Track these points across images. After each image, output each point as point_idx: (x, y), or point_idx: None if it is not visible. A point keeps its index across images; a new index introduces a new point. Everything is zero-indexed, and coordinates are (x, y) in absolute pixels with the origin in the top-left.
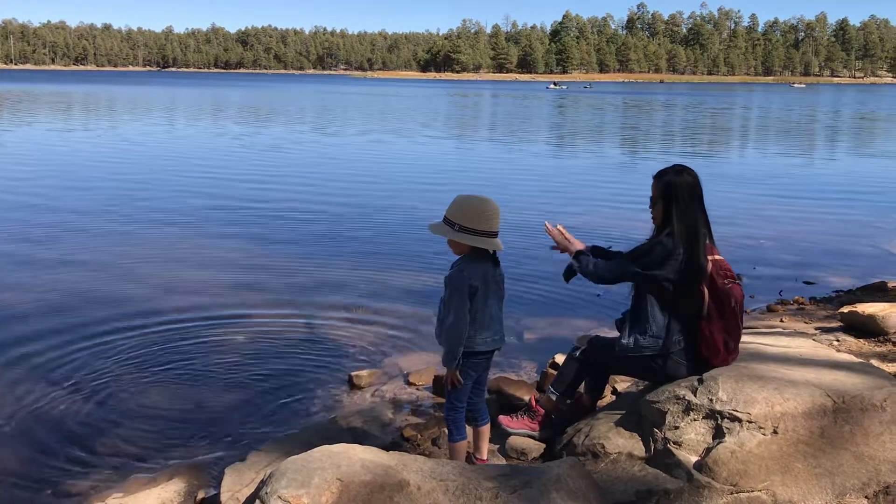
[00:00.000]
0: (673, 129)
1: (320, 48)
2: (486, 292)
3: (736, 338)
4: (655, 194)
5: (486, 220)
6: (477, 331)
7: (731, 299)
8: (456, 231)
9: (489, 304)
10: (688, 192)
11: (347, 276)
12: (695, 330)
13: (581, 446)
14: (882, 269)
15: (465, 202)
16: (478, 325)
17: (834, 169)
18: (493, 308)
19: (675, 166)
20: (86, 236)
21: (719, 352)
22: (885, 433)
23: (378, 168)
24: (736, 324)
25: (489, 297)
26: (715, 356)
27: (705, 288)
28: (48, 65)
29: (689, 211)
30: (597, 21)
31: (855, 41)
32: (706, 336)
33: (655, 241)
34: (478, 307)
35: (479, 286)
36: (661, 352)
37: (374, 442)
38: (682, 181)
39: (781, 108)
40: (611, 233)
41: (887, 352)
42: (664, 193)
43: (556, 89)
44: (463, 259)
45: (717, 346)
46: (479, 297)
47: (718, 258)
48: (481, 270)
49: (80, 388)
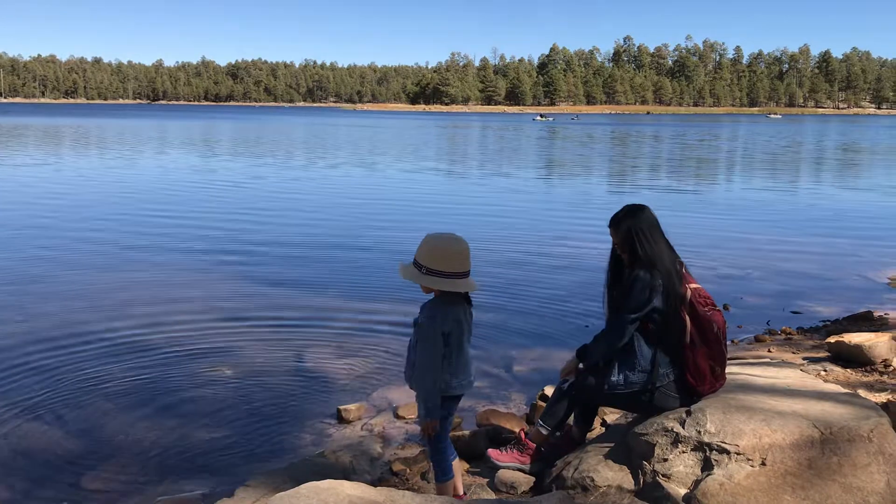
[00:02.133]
0: (655, 160)
1: (310, 81)
2: (459, 336)
3: (721, 363)
4: (619, 240)
5: (453, 261)
6: (454, 375)
7: (712, 325)
8: (423, 274)
9: (463, 346)
10: (647, 227)
11: (335, 309)
12: (681, 359)
13: (570, 479)
14: (868, 298)
15: (431, 243)
16: (454, 369)
17: (818, 198)
18: (467, 350)
19: (626, 208)
20: (67, 268)
21: (706, 378)
22: (873, 464)
23: (366, 199)
24: (720, 350)
25: (463, 339)
26: (702, 383)
27: (686, 316)
28: (38, 98)
29: (656, 245)
30: (584, 54)
31: (838, 73)
32: (692, 363)
33: (632, 278)
34: (453, 351)
35: (452, 331)
36: (650, 386)
37: (362, 476)
38: (641, 219)
39: (753, 139)
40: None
41: (874, 381)
42: (627, 237)
43: (543, 121)
44: (433, 302)
45: (703, 373)
46: (454, 341)
47: (696, 286)
48: (453, 314)
49: (63, 422)
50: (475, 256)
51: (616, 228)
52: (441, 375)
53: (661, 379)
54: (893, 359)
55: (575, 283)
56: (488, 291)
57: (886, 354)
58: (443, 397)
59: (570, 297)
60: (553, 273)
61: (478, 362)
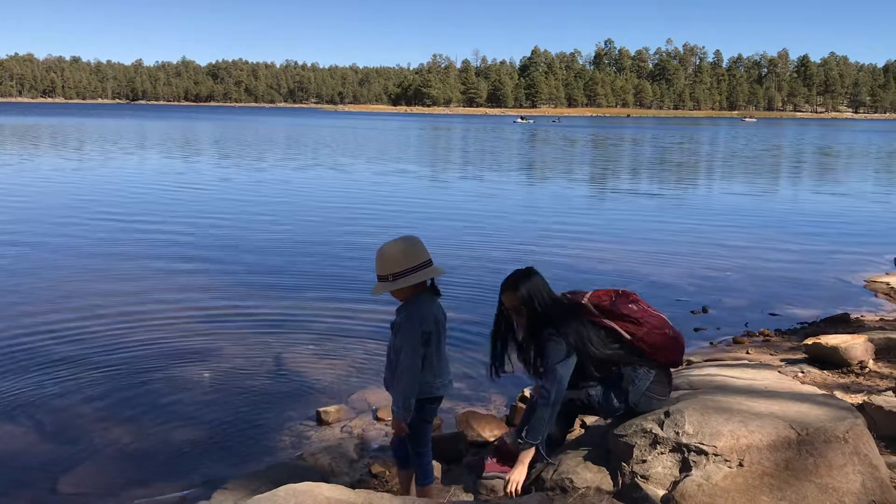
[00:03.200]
0: (633, 163)
1: (291, 81)
2: (438, 336)
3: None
4: (516, 304)
5: (413, 255)
6: (436, 375)
7: (626, 306)
8: (392, 282)
9: (441, 346)
10: (541, 289)
11: (315, 311)
12: (639, 353)
13: (550, 481)
14: (845, 300)
15: (385, 252)
16: (436, 370)
17: (794, 200)
18: (444, 349)
19: (516, 274)
20: (38, 268)
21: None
22: (848, 465)
23: (346, 201)
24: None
25: (441, 339)
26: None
27: (606, 321)
28: (15, 97)
29: (552, 305)
30: (565, 56)
31: (816, 77)
32: (649, 346)
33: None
34: (433, 351)
35: (432, 331)
36: (642, 396)
37: (341, 479)
38: (535, 283)
39: (730, 144)
40: (568, 263)
41: (850, 383)
42: (527, 301)
43: (523, 123)
44: (408, 304)
45: (663, 341)
46: (434, 342)
47: (589, 294)
48: (430, 313)
49: (40, 425)
50: (454, 257)
51: (513, 292)
52: (422, 376)
53: (646, 390)
54: (869, 360)
55: (556, 282)
56: (467, 291)
57: (863, 356)
58: (425, 399)
59: None
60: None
61: (457, 364)
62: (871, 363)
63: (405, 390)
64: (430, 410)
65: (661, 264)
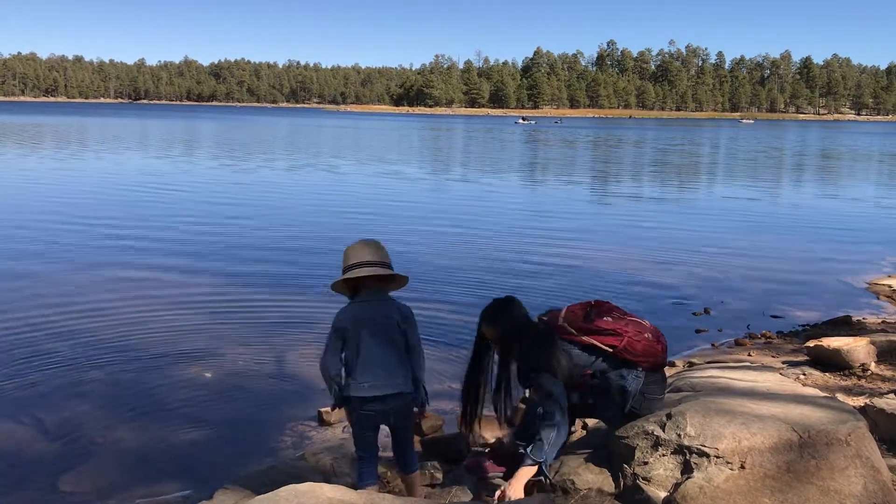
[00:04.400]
0: (634, 164)
1: (293, 81)
2: (358, 333)
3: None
4: (499, 335)
5: (352, 255)
6: (354, 374)
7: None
8: (340, 277)
9: (367, 346)
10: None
11: (314, 311)
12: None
13: (551, 483)
14: (847, 303)
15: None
16: (354, 369)
17: (795, 202)
18: (372, 352)
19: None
20: (50, 267)
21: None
22: (850, 467)
23: (349, 202)
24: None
25: (367, 338)
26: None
27: (585, 338)
28: (17, 96)
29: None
30: (567, 57)
31: (818, 79)
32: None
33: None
34: (351, 349)
35: (348, 327)
36: (638, 397)
37: (343, 479)
38: (519, 313)
39: (725, 144)
40: (566, 265)
41: (852, 385)
42: (513, 332)
43: (524, 124)
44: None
45: (644, 347)
46: (351, 339)
47: (563, 314)
48: (356, 311)
49: (41, 424)
50: (454, 258)
51: (495, 325)
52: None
53: (641, 390)
54: (871, 363)
55: (557, 285)
56: (467, 293)
57: (864, 358)
58: (354, 398)
59: (553, 300)
60: (535, 275)
61: (459, 364)
62: (873, 366)
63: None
64: (360, 410)
65: (662, 266)
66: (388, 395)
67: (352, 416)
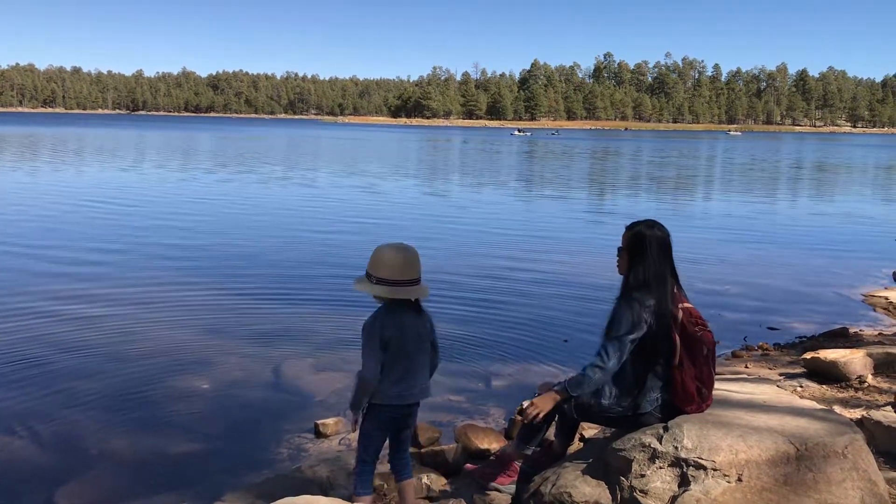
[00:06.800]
0: (630, 175)
1: (291, 93)
2: (403, 343)
3: (709, 385)
4: (623, 244)
5: (400, 269)
6: (389, 384)
7: (702, 346)
8: (374, 284)
9: (407, 356)
10: (656, 245)
11: (312, 323)
12: (668, 380)
13: (548, 495)
14: (844, 315)
15: (379, 253)
16: (390, 378)
17: (792, 215)
18: (412, 361)
19: (647, 220)
20: (46, 282)
21: (692, 399)
22: (847, 480)
23: (345, 214)
24: (709, 371)
25: (407, 348)
26: (688, 403)
27: (677, 336)
28: (15, 107)
29: (656, 264)
30: (564, 69)
31: (814, 91)
32: (679, 385)
33: (627, 300)
34: (391, 359)
35: (392, 337)
36: (638, 410)
37: (340, 492)
38: (652, 234)
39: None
40: (568, 277)
41: (849, 398)
42: (631, 244)
43: (521, 136)
44: (381, 308)
45: (690, 394)
46: (393, 348)
47: (688, 306)
48: (398, 321)
49: (37, 436)
50: (457, 270)
51: (628, 231)
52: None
53: (650, 403)
54: (868, 375)
55: (554, 297)
56: (467, 305)
57: (861, 371)
58: (373, 404)
59: (549, 312)
60: (531, 287)
61: (456, 376)
62: (870, 378)
63: (357, 389)
64: (380, 418)
65: None
66: (415, 402)
67: (372, 421)
